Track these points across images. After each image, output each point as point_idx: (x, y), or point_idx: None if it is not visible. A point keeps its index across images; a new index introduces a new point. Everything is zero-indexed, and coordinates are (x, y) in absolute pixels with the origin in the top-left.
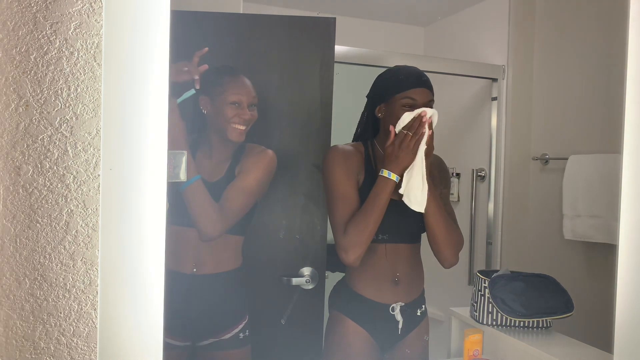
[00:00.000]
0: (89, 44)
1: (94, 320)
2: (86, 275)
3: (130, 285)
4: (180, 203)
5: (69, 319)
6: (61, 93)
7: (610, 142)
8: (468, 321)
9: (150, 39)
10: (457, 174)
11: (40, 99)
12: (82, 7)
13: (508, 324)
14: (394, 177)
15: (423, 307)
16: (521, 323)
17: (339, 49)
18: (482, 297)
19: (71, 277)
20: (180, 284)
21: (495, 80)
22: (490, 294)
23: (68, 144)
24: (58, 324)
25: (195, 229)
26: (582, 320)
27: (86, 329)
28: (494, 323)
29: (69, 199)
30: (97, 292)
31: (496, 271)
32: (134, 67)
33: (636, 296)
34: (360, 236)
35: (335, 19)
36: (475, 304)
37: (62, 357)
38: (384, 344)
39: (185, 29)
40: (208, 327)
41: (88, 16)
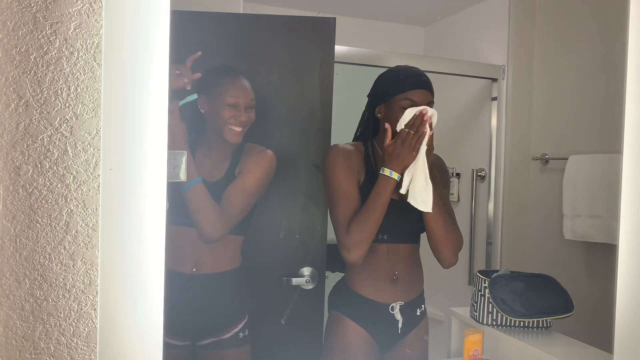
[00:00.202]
0: (89, 44)
1: (94, 320)
2: (86, 276)
3: (130, 285)
4: (180, 203)
5: (69, 319)
6: (61, 93)
7: (610, 142)
8: (468, 321)
9: (150, 39)
10: (457, 174)
11: (40, 99)
12: (82, 7)
13: (508, 324)
14: (396, 176)
15: (422, 307)
16: (521, 323)
17: (339, 49)
18: (482, 297)
19: (71, 277)
20: (180, 284)
21: (495, 80)
22: (490, 294)
23: (68, 144)
24: (58, 324)
25: (195, 229)
26: (582, 320)
27: (86, 329)
28: (494, 323)
29: (69, 199)
30: (97, 292)
31: (496, 271)
32: (134, 67)
33: (636, 296)
34: (363, 235)
35: (335, 19)
36: (475, 304)
37: (62, 357)
38: (384, 343)
39: (185, 29)
40: (207, 327)
41: (88, 16)
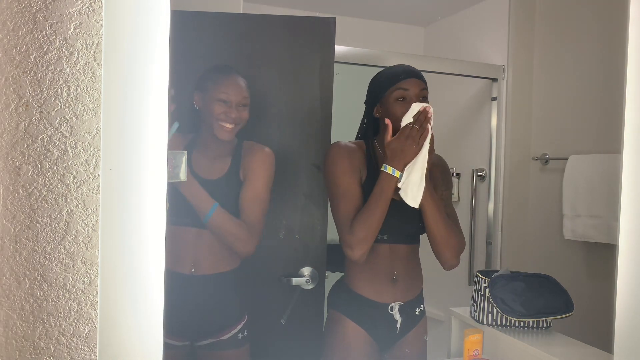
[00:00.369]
0: (88, 44)
1: (93, 320)
2: (86, 275)
3: (130, 285)
4: (180, 203)
5: (69, 319)
6: (61, 93)
7: (610, 142)
8: (468, 321)
9: (150, 39)
10: (457, 174)
11: (40, 99)
12: (82, 7)
13: (508, 324)
14: (397, 174)
15: (422, 307)
16: (521, 323)
17: (339, 49)
18: (482, 297)
19: (71, 277)
20: (179, 284)
21: (495, 80)
22: (490, 294)
23: (68, 144)
24: (58, 324)
25: (195, 229)
26: (582, 320)
27: (86, 329)
28: (494, 323)
29: (68, 199)
30: (97, 292)
31: (496, 271)
32: (134, 67)
33: (636, 296)
34: (366, 233)
35: (335, 19)
36: (475, 304)
37: (62, 357)
38: (383, 343)
39: (185, 29)
40: (207, 327)
41: (88, 16)
